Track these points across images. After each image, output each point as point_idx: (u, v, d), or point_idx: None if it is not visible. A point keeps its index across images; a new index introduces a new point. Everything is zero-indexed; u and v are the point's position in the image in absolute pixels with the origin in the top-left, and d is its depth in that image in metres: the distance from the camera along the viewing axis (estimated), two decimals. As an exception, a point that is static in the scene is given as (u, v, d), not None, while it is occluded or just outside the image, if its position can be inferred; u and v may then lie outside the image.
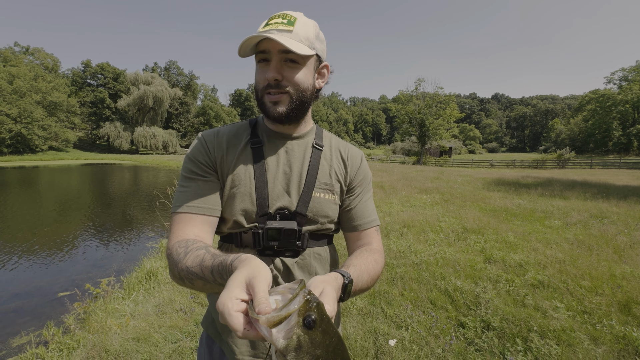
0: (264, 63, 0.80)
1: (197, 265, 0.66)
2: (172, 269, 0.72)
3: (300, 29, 0.79)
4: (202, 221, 0.82)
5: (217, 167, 0.87)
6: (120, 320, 2.93)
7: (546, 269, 3.64)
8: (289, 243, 0.82)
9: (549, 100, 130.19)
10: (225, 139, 0.89)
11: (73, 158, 42.83)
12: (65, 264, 5.49)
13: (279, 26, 0.77)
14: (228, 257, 0.59)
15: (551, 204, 7.93)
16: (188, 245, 0.72)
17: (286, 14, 0.80)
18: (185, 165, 0.87)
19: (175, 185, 6.68)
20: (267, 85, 0.80)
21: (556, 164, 30.27)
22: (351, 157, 0.98)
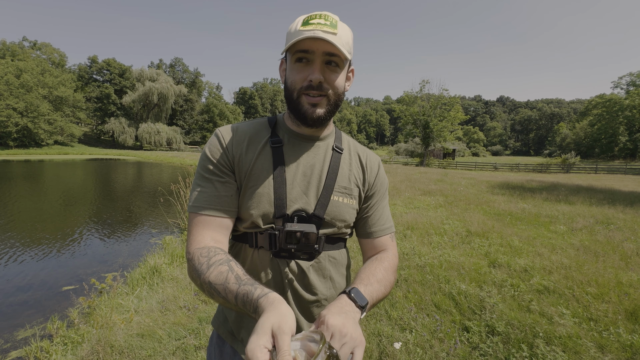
0: (303, 63, 0.78)
1: (220, 284, 0.66)
2: (194, 278, 0.73)
3: (342, 32, 0.78)
4: (220, 224, 0.82)
5: (234, 166, 0.85)
6: (125, 315, 2.95)
7: (552, 275, 3.61)
8: (307, 246, 0.81)
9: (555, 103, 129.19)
10: (245, 136, 0.88)
11: (78, 153, 43.14)
12: (70, 258, 5.53)
13: (323, 27, 0.75)
14: (254, 290, 0.61)
15: (556, 208, 7.86)
16: (210, 255, 0.72)
17: (327, 15, 0.78)
18: (203, 163, 0.85)
19: (179, 182, 6.71)
20: (307, 86, 0.79)
21: (561, 168, 30.05)
22: (370, 162, 0.98)
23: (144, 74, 60.39)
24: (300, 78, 0.78)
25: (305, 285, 0.87)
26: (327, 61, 0.78)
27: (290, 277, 0.85)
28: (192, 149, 60.97)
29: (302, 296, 0.87)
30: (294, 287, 0.86)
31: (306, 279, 0.87)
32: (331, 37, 0.75)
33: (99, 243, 6.37)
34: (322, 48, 0.75)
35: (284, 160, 0.86)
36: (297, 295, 0.87)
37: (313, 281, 0.87)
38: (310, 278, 0.87)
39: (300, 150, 0.89)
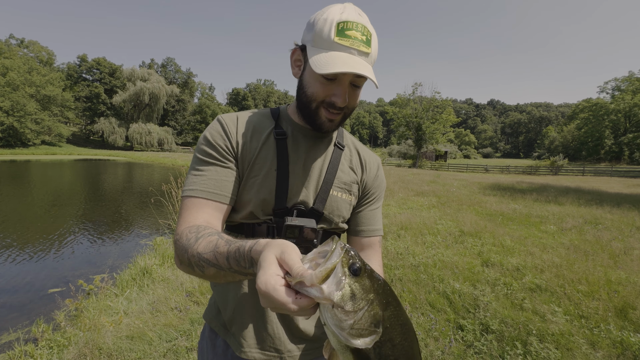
0: (329, 81, 0.74)
1: (210, 251, 0.62)
2: (181, 255, 0.68)
3: (374, 48, 0.76)
4: (215, 208, 0.78)
5: (237, 153, 0.83)
6: (113, 317, 2.87)
7: (543, 273, 3.65)
8: (306, 241, 0.79)
9: (543, 107, 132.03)
10: (249, 125, 0.86)
11: (66, 153, 42.21)
12: (57, 259, 5.38)
13: (360, 46, 0.72)
14: (245, 243, 0.56)
15: (546, 209, 8.00)
16: (199, 230, 0.68)
17: (364, 26, 0.73)
18: (202, 147, 0.82)
19: (171, 183, 6.61)
20: (329, 104, 0.77)
21: (549, 170, 30.65)
22: (370, 162, 0.97)
23: (135, 73, 59.56)
24: (324, 93, 0.76)
25: None
26: (352, 82, 0.76)
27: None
28: (184, 150, 60.30)
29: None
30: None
31: None
32: (365, 62, 0.72)
33: (88, 245, 6.22)
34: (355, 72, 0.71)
35: (287, 152, 0.85)
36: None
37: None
38: None
39: (303, 144, 0.88)
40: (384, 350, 0.45)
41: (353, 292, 0.42)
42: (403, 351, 0.46)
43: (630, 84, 53.20)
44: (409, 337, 0.48)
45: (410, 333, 0.48)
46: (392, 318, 0.45)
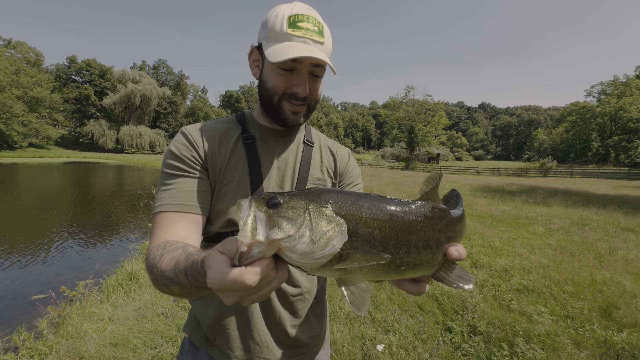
0: (288, 72, 0.76)
1: (171, 268, 0.57)
2: (150, 274, 0.64)
3: (327, 39, 0.78)
4: (189, 220, 0.75)
5: (207, 163, 0.81)
6: (97, 324, 2.80)
7: (531, 274, 3.70)
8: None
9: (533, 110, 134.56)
10: (215, 133, 0.85)
11: (54, 156, 41.38)
12: (43, 265, 5.25)
13: (313, 35, 0.74)
14: (199, 256, 0.52)
15: (535, 210, 8.12)
16: (165, 247, 0.64)
17: (315, 18, 0.76)
18: (168, 162, 0.80)
19: (161, 186, 6.52)
20: (291, 95, 0.78)
21: (539, 172, 31.20)
22: (340, 152, 1.00)
23: (126, 75, 58.85)
24: (284, 85, 0.77)
25: (288, 279, 0.85)
26: (311, 71, 0.78)
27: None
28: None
29: (285, 290, 0.84)
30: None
31: (286, 280, 0.85)
32: (320, 49, 0.74)
33: (75, 249, 6.09)
34: (310, 60, 0.74)
35: (258, 156, 0.84)
36: (279, 291, 0.84)
37: (294, 272, 0.86)
38: (291, 270, 0.85)
39: (272, 145, 0.88)
40: (361, 230, 0.42)
41: (286, 218, 0.39)
42: (378, 219, 0.42)
43: (615, 88, 54.64)
44: (375, 205, 0.43)
45: (373, 202, 0.44)
46: (344, 205, 0.42)
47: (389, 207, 0.44)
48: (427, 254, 0.45)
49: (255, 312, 0.83)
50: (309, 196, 0.42)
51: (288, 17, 0.73)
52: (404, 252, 0.43)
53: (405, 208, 0.45)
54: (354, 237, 0.41)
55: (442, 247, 0.47)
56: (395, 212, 0.44)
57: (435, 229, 0.46)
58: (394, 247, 0.42)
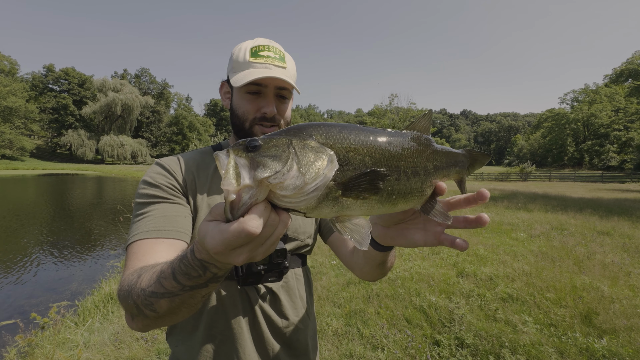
0: (255, 95, 0.81)
1: (154, 282, 0.51)
2: (127, 305, 0.56)
3: (289, 65, 0.84)
4: (169, 246, 0.68)
5: (187, 190, 0.80)
6: (71, 352, 2.64)
7: (514, 282, 3.76)
8: (277, 265, 0.78)
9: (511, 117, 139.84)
10: (192, 163, 0.85)
11: (29, 168, 39.64)
12: (14, 287, 4.95)
13: (275, 61, 0.80)
14: (186, 252, 0.48)
15: (516, 216, 8.34)
16: (142, 269, 0.58)
17: (275, 47, 0.83)
18: (142, 191, 0.75)
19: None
20: (261, 118, 0.82)
21: (519, 177, 32.28)
22: None
23: (107, 84, 57.54)
24: (253, 109, 0.81)
25: (277, 308, 0.84)
26: (278, 94, 0.83)
27: (260, 303, 0.82)
28: (160, 162, 58.26)
29: (275, 322, 0.83)
30: (266, 314, 0.82)
31: (278, 302, 0.84)
32: (282, 72, 0.80)
33: (50, 268, 5.78)
34: (274, 83, 0.80)
35: None
36: (269, 321, 0.83)
37: (284, 303, 0.85)
38: (281, 300, 0.84)
39: None
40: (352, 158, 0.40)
41: (269, 156, 0.37)
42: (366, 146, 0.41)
43: (587, 96, 57.62)
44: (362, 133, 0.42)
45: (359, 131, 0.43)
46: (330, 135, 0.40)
47: (376, 135, 0.43)
48: (416, 181, 0.45)
49: (248, 348, 0.78)
50: (290, 132, 0.40)
51: (250, 49, 0.81)
52: (395, 178, 0.42)
53: (392, 135, 0.45)
54: (345, 165, 0.40)
55: (430, 177, 0.48)
56: (382, 139, 0.43)
57: (422, 156, 0.46)
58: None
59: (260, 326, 0.81)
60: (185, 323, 0.81)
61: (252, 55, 0.80)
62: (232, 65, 0.82)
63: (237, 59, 0.81)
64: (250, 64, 0.79)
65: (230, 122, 0.87)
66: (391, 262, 0.76)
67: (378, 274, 0.78)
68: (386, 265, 0.74)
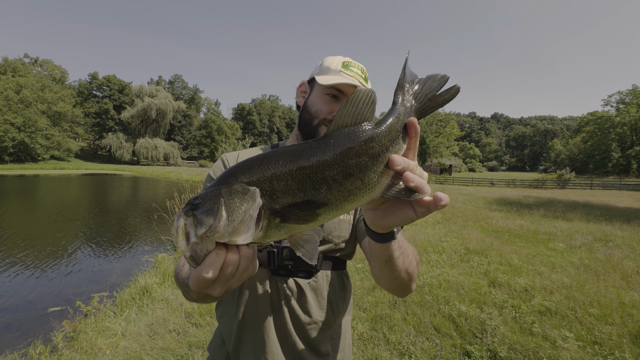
0: (333, 99, 0.88)
1: (186, 276, 0.65)
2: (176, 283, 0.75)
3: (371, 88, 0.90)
4: None
5: None
6: (111, 340, 2.81)
7: (553, 295, 3.53)
8: (303, 263, 0.82)
9: (548, 120, 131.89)
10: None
11: (74, 167, 42.90)
12: (60, 277, 5.36)
13: (360, 79, 0.89)
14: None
15: (554, 225, 7.83)
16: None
17: (363, 68, 0.93)
18: (206, 184, 0.90)
19: (175, 198, 6.63)
20: (330, 120, 0.87)
21: (556, 184, 30.27)
22: None
23: (144, 90, 61.13)
24: (326, 110, 0.88)
25: (302, 305, 0.87)
26: None
27: (288, 295, 0.86)
28: (190, 164, 60.92)
29: (299, 317, 0.86)
30: (291, 306, 0.86)
31: (303, 298, 0.87)
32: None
33: (91, 261, 6.21)
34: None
35: None
36: (293, 315, 0.86)
37: (310, 301, 0.87)
38: (307, 297, 0.87)
39: None
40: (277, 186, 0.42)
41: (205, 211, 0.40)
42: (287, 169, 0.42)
43: (635, 97, 53.09)
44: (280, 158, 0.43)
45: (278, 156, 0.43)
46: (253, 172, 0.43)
47: (295, 156, 0.43)
48: (354, 181, 0.42)
49: (272, 335, 0.85)
50: (221, 180, 0.44)
51: (343, 62, 0.91)
52: (325, 189, 0.42)
53: (310, 148, 0.43)
54: (274, 194, 0.42)
55: (370, 169, 0.43)
56: (301, 156, 0.43)
57: (351, 155, 0.42)
58: (313, 189, 0.42)
59: (284, 318, 0.86)
60: (227, 300, 0.92)
61: (343, 66, 0.89)
62: (321, 69, 0.91)
63: (329, 65, 0.90)
64: (340, 73, 0.88)
65: (299, 117, 0.94)
66: (403, 265, 0.68)
67: (389, 278, 0.70)
68: (394, 265, 0.67)
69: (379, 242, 0.61)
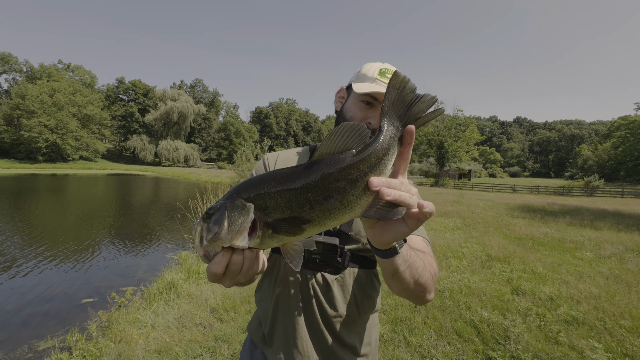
0: (367, 106, 0.91)
1: None
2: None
3: None
4: None
5: None
6: (142, 330, 2.97)
7: (580, 305, 3.42)
8: (329, 258, 0.86)
9: (575, 125, 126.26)
10: (287, 160, 1.03)
11: (100, 168, 44.96)
12: (89, 270, 5.66)
13: None
14: None
15: (581, 234, 7.52)
16: None
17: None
18: (252, 173, 0.98)
19: (197, 199, 6.86)
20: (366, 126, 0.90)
21: (584, 191, 28.90)
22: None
23: (166, 94, 63.43)
24: (361, 116, 0.91)
25: (328, 299, 0.92)
26: None
27: (316, 288, 0.91)
28: (208, 166, 62.47)
29: (325, 309, 0.91)
30: (319, 299, 0.91)
31: (330, 293, 0.92)
32: None
33: (118, 256, 6.52)
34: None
35: None
36: (321, 307, 0.92)
37: (336, 295, 0.92)
38: (333, 292, 0.91)
39: None
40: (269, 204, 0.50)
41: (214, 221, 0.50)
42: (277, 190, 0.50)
43: (671, 101, 49.96)
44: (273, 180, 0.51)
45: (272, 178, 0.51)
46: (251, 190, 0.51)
47: (284, 177, 0.51)
48: (333, 202, 0.48)
49: (301, 322, 0.91)
50: (229, 195, 0.53)
51: (380, 69, 0.93)
52: (308, 208, 0.49)
53: (297, 172, 0.50)
54: (266, 210, 0.50)
55: (348, 192, 0.48)
56: (289, 179, 0.50)
57: (331, 180, 0.48)
58: (297, 207, 0.49)
59: (312, 308, 0.91)
60: (265, 287, 1.00)
61: (379, 74, 0.91)
62: (358, 76, 0.94)
63: (366, 73, 0.93)
64: (376, 80, 0.90)
65: (335, 122, 0.99)
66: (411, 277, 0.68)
67: (398, 288, 0.71)
68: (401, 278, 0.67)
69: (383, 258, 0.63)
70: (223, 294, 3.68)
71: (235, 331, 2.90)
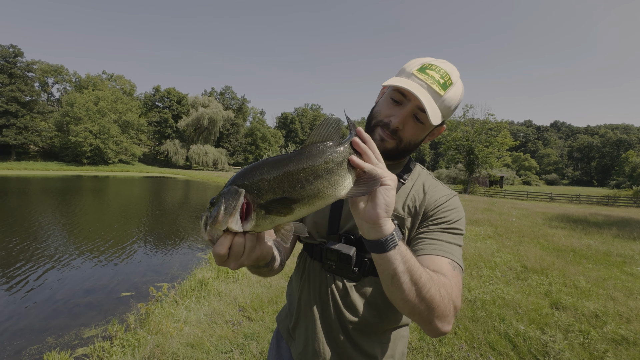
0: (395, 103, 0.83)
1: None
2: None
3: (450, 97, 0.80)
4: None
5: None
6: (176, 325, 3.12)
7: (631, 324, 3.14)
8: (344, 267, 0.83)
9: (621, 129, 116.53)
10: None
11: (137, 170, 47.86)
12: (127, 266, 6.03)
13: (433, 84, 0.78)
14: None
15: (630, 247, 6.91)
16: None
17: (444, 72, 0.80)
18: None
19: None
20: (387, 123, 0.83)
21: (632, 201, 26.50)
22: (433, 192, 0.89)
23: (198, 100, 66.48)
24: (385, 113, 0.84)
25: (347, 304, 0.90)
26: (415, 113, 0.81)
27: (334, 292, 0.91)
28: (235, 170, 64.37)
29: (343, 314, 0.90)
30: (337, 303, 0.90)
31: (348, 299, 0.90)
32: (429, 95, 0.77)
33: (152, 254, 6.89)
34: (417, 102, 0.78)
35: None
36: (338, 311, 0.91)
37: (355, 301, 0.89)
38: (352, 298, 0.89)
39: None
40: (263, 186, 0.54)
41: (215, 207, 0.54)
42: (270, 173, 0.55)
43: None
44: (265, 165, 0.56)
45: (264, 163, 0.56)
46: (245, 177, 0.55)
47: (275, 163, 0.56)
48: (322, 181, 0.56)
49: (319, 323, 0.92)
50: (228, 183, 0.57)
51: (422, 63, 0.82)
52: (299, 187, 0.55)
53: (289, 157, 0.57)
54: (260, 192, 0.54)
55: (335, 172, 0.57)
56: (280, 164, 0.56)
57: (320, 161, 0.56)
58: (289, 187, 0.54)
59: (330, 311, 0.91)
60: (294, 284, 1.03)
61: (419, 69, 0.80)
62: (400, 70, 0.86)
63: (406, 67, 0.84)
64: (411, 76, 0.80)
65: (366, 118, 0.96)
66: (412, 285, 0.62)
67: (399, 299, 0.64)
68: (400, 282, 0.62)
69: (378, 253, 0.62)
70: (251, 294, 3.78)
71: (264, 330, 2.96)
